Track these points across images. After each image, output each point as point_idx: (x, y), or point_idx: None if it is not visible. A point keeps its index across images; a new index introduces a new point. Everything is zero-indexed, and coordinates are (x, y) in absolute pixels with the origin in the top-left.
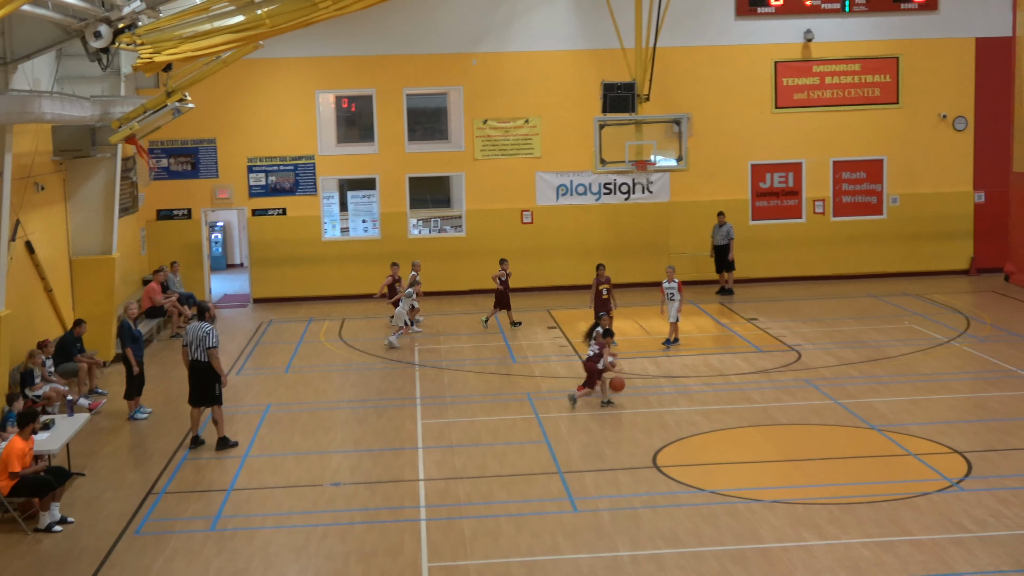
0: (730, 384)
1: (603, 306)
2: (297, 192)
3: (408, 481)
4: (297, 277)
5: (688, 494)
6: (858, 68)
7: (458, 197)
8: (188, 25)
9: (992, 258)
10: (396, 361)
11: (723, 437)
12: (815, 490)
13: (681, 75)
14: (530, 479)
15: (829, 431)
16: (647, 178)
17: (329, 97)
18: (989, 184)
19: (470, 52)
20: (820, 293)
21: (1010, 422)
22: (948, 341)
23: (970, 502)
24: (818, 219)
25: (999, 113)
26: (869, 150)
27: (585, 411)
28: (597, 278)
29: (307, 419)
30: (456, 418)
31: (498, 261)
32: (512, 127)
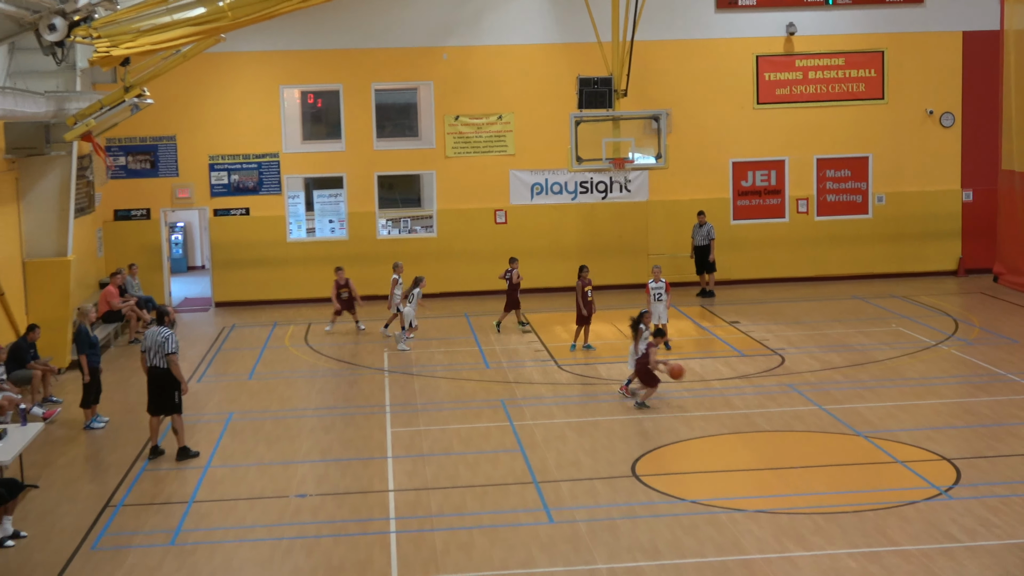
0: (711, 390)
1: (587, 308)
2: (261, 191)
3: (377, 492)
4: (261, 280)
5: (668, 504)
6: (842, 63)
7: (429, 196)
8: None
9: (980, 258)
10: (364, 367)
11: (704, 445)
12: (799, 499)
13: (660, 70)
14: (504, 489)
15: (813, 438)
16: (625, 176)
17: (294, 92)
18: (977, 182)
19: (441, 46)
20: (804, 295)
21: (999, 428)
22: (936, 344)
23: (959, 511)
24: (801, 219)
25: (987, 109)
26: (854, 147)
27: (561, 419)
28: (581, 280)
29: (271, 428)
30: (427, 426)
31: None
32: (485, 124)
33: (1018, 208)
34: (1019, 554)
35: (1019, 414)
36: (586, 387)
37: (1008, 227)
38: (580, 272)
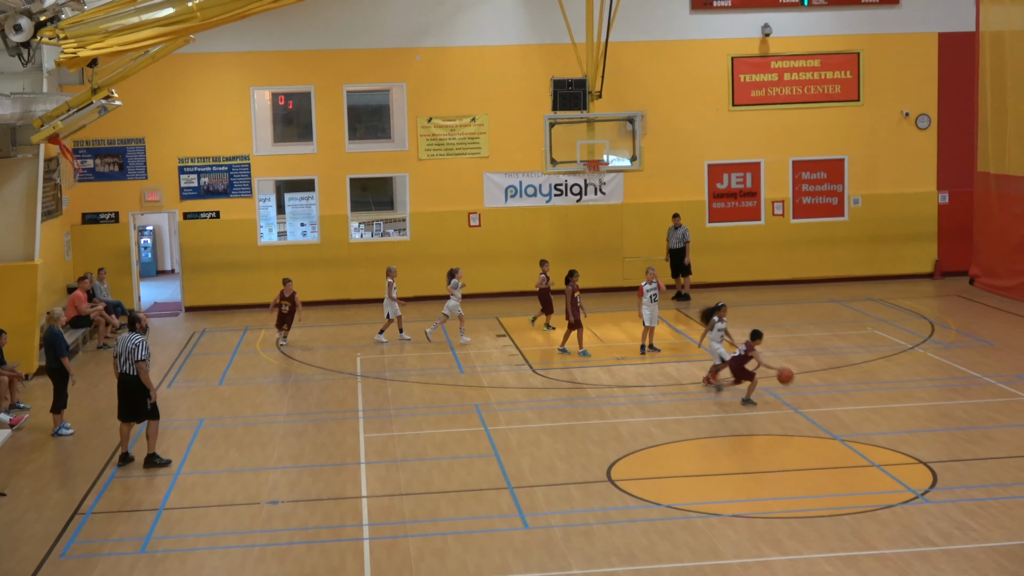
0: (687, 394)
1: (576, 313)
2: (231, 194)
3: (350, 498)
4: (231, 284)
5: (643, 509)
6: (818, 64)
7: (402, 199)
8: (115, 18)
9: (957, 261)
10: (337, 372)
11: (680, 449)
12: (775, 503)
13: (634, 71)
14: (478, 495)
15: (790, 442)
16: (599, 179)
17: (265, 94)
18: (953, 184)
19: (414, 47)
20: (780, 298)
21: (976, 431)
22: (912, 347)
23: (935, 514)
24: (777, 221)
25: (962, 110)
26: (829, 149)
27: (536, 423)
28: (571, 285)
29: (242, 434)
30: (400, 431)
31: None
32: (458, 126)
33: (994, 210)
34: (995, 557)
35: (995, 417)
36: (561, 391)
37: (984, 229)
38: (569, 277)
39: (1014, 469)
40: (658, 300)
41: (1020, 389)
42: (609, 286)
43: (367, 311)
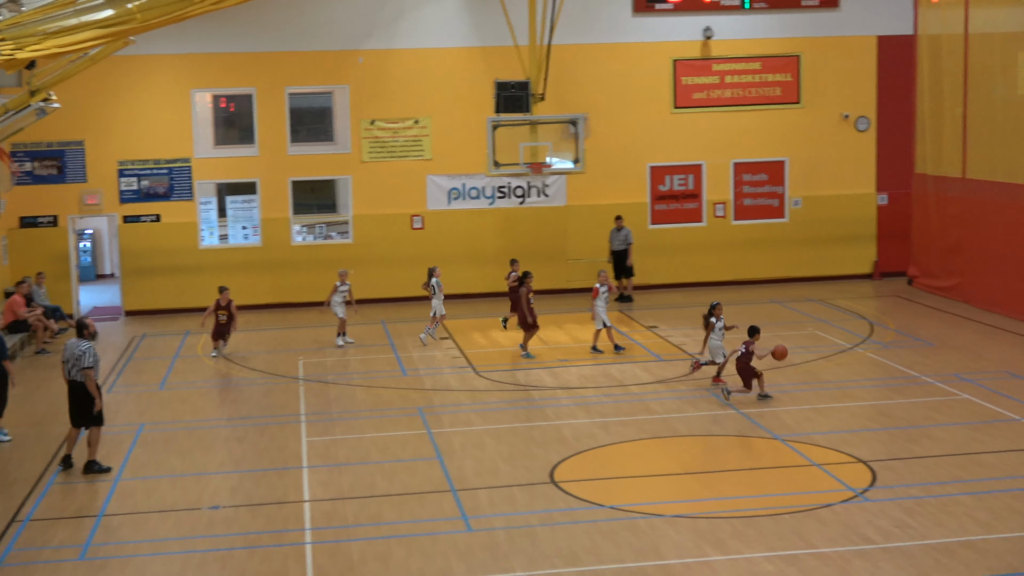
0: (630, 395)
1: (532, 314)
2: (172, 197)
3: (292, 503)
4: (172, 288)
5: (587, 510)
6: (759, 67)
7: (344, 202)
8: (53, 20)
9: (896, 262)
10: (279, 376)
11: (623, 450)
12: (717, 503)
13: (577, 74)
14: (421, 498)
15: (731, 442)
16: (543, 181)
17: (206, 96)
18: (892, 186)
19: (356, 49)
20: (722, 299)
21: (914, 429)
22: (852, 347)
23: (874, 512)
24: (719, 223)
25: (901, 113)
26: (770, 151)
27: (480, 425)
28: (525, 287)
29: (183, 439)
30: (343, 435)
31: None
32: (401, 128)
33: (932, 211)
34: (934, 555)
35: (934, 416)
36: (504, 394)
37: (922, 230)
38: (524, 279)
39: (952, 467)
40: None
41: (958, 388)
42: (553, 288)
43: (309, 314)
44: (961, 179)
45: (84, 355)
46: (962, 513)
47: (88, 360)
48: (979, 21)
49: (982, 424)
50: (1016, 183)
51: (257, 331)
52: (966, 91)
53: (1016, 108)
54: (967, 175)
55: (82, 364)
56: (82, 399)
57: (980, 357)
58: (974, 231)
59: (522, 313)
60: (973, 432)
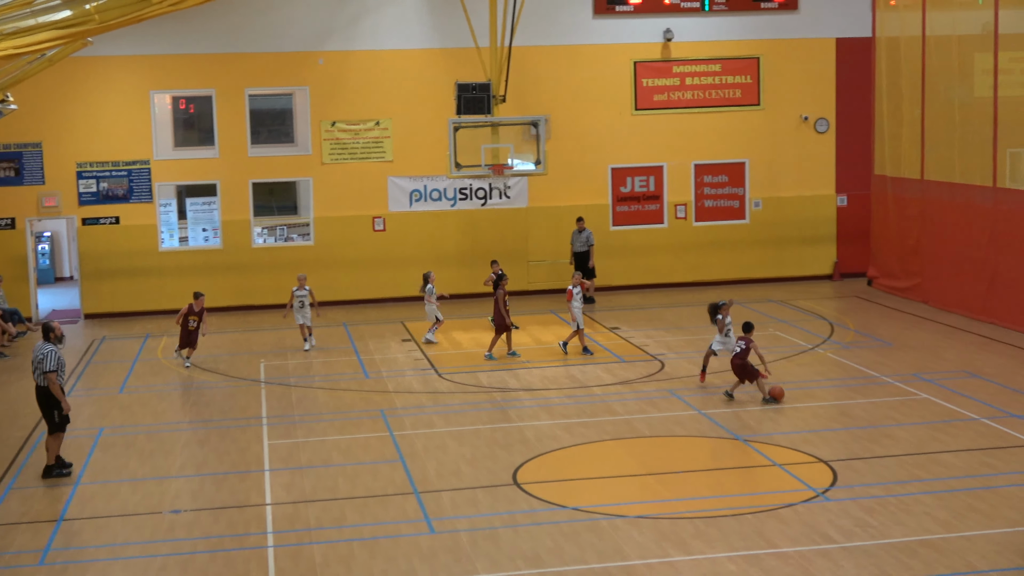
0: (592, 396)
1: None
2: (131, 199)
3: (254, 506)
4: (132, 290)
5: (549, 511)
6: (719, 69)
7: (305, 204)
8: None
9: (855, 262)
10: (240, 379)
11: (585, 451)
12: (680, 504)
13: (538, 75)
14: (384, 500)
15: (693, 442)
16: (504, 183)
17: (165, 98)
18: (851, 187)
19: (316, 50)
20: (683, 300)
21: (874, 429)
22: (812, 348)
23: (835, 512)
24: (680, 224)
25: (860, 115)
26: (731, 153)
27: (442, 427)
28: (501, 288)
29: (144, 442)
30: (305, 438)
31: (489, 263)
32: (362, 130)
33: (891, 212)
34: (894, 553)
35: (894, 416)
36: (467, 396)
37: (881, 231)
38: (500, 280)
39: (911, 467)
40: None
41: (917, 388)
42: (514, 290)
43: (270, 317)
44: (919, 180)
45: (46, 358)
46: (922, 512)
47: (50, 364)
48: (937, 24)
49: (941, 423)
50: (973, 184)
51: (218, 334)
52: (924, 93)
53: (973, 110)
54: (925, 176)
55: (44, 368)
56: (45, 404)
57: (939, 357)
58: (932, 232)
59: (498, 314)
60: (933, 431)
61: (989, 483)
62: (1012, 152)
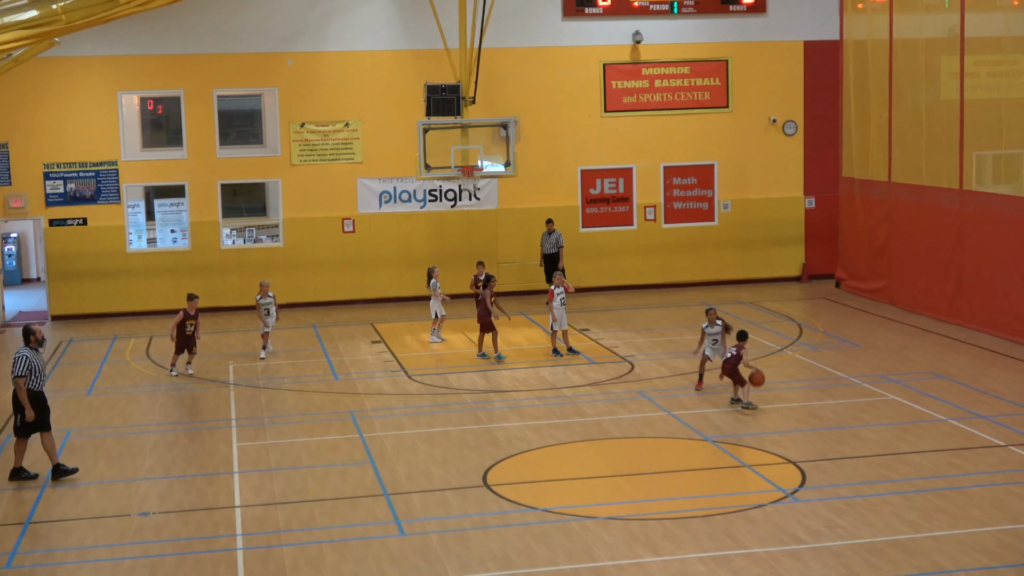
0: (562, 397)
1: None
2: (99, 200)
3: (223, 508)
4: (100, 292)
5: (519, 513)
6: (687, 71)
7: (274, 205)
8: None
9: (823, 264)
10: (209, 381)
11: (555, 453)
12: (649, 505)
13: (508, 77)
14: (354, 503)
15: (663, 444)
16: (474, 184)
17: (133, 98)
18: (819, 189)
19: (285, 51)
20: (652, 302)
21: (843, 430)
22: (781, 349)
23: (804, 513)
24: (649, 226)
25: (827, 117)
26: (700, 155)
27: (412, 429)
28: (489, 289)
29: (112, 445)
30: (274, 439)
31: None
32: (331, 131)
33: (858, 214)
34: (862, 554)
35: (862, 416)
36: (436, 397)
37: (849, 233)
38: (487, 282)
39: (879, 467)
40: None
41: (884, 389)
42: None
43: (239, 318)
44: (887, 183)
45: (16, 362)
46: (890, 512)
47: (20, 368)
48: (904, 27)
49: (909, 424)
50: (940, 187)
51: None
52: (891, 96)
53: (940, 113)
54: (893, 179)
55: (14, 372)
56: (16, 407)
57: (906, 358)
58: (900, 234)
59: (483, 314)
60: (900, 432)
61: (956, 483)
62: (978, 155)
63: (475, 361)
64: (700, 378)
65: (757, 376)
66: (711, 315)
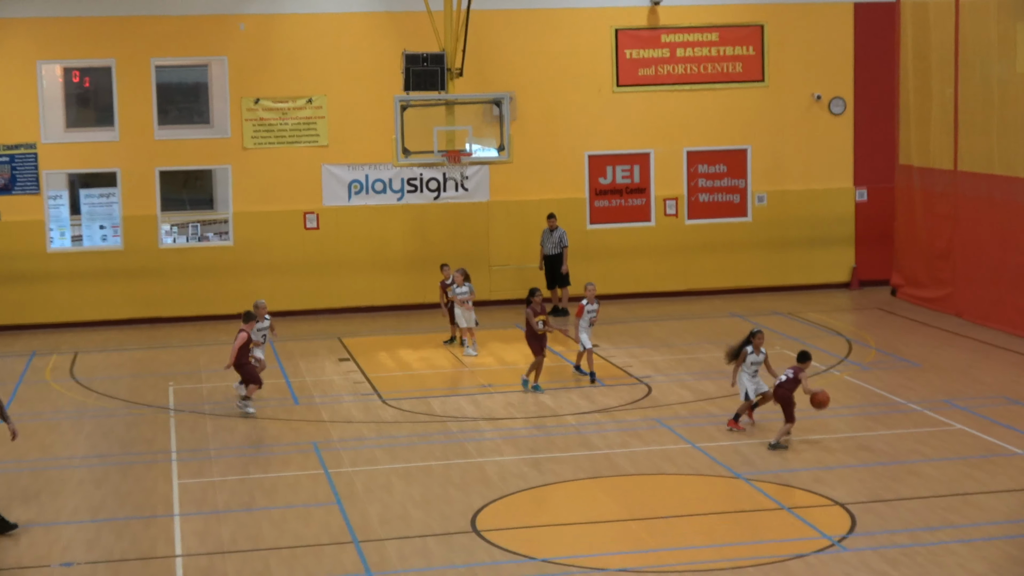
0: (565, 426)
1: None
2: (14, 191)
3: (161, 558)
4: (15, 299)
5: (515, 564)
6: (716, 39)
7: (223, 196)
8: None
9: (877, 268)
10: (144, 406)
11: (557, 492)
12: (669, 555)
13: (502, 45)
14: (317, 552)
15: (685, 481)
16: (461, 172)
17: (55, 69)
18: (872, 179)
19: (237, 14)
20: (672, 312)
21: (899, 466)
22: (827, 370)
23: (853, 564)
24: (670, 222)
25: (882, 94)
26: (730, 138)
27: (387, 464)
28: (532, 306)
29: (28, 482)
30: (222, 476)
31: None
32: (291, 108)
33: (918, 210)
34: None
35: (921, 449)
36: (416, 426)
37: (907, 232)
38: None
39: (941, 510)
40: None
41: (949, 417)
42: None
43: (181, 331)
44: (952, 172)
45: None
46: (955, 564)
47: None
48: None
49: (977, 459)
50: (1015, 176)
51: (118, 351)
52: (957, 68)
53: (1015, 89)
54: (959, 167)
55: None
56: None
57: (974, 380)
58: (966, 233)
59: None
60: (967, 468)
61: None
62: None
63: (462, 382)
64: (736, 417)
65: (821, 396)
66: (758, 340)
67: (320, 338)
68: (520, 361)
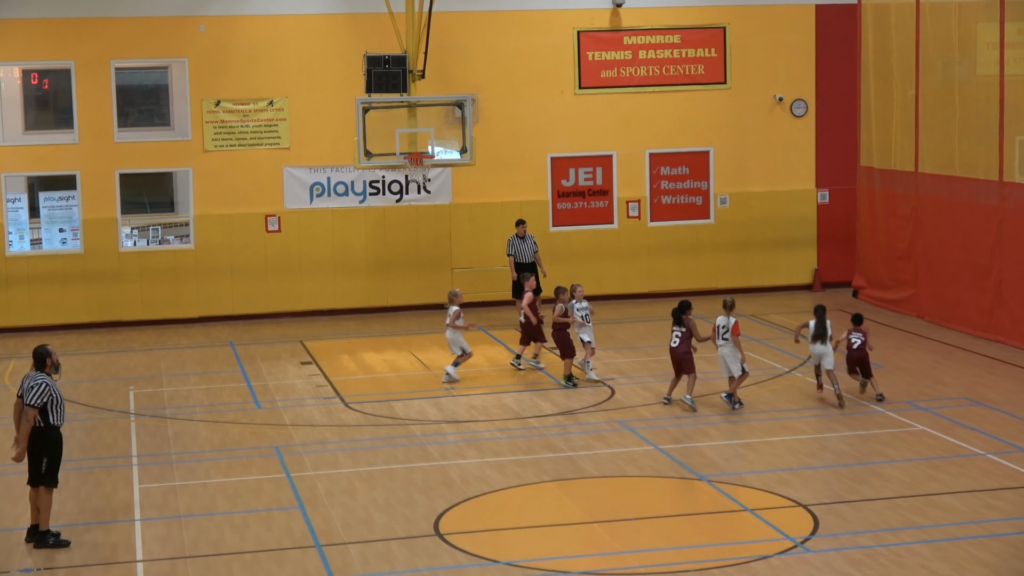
0: (528, 428)
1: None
2: None
3: (122, 563)
4: None
5: (478, 567)
6: (678, 40)
7: (184, 199)
8: None
9: (839, 270)
10: (104, 410)
11: (521, 495)
12: (633, 557)
13: (464, 47)
14: (279, 556)
15: (648, 484)
16: (423, 174)
17: (13, 71)
18: (834, 181)
19: (197, 15)
20: (635, 314)
21: (862, 467)
22: (788, 371)
23: (817, 565)
24: (632, 224)
25: (844, 96)
26: (693, 140)
27: (350, 467)
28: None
29: None
30: (184, 480)
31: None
32: (252, 110)
33: (879, 211)
34: None
35: (884, 451)
36: (379, 429)
37: (868, 233)
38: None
39: (905, 511)
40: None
41: (912, 418)
42: (435, 303)
43: (141, 335)
44: (913, 173)
45: (33, 390)
46: (918, 565)
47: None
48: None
49: (940, 460)
50: (976, 178)
51: (78, 355)
52: (918, 70)
53: (975, 91)
54: (920, 169)
55: (29, 401)
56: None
57: (936, 381)
58: (928, 235)
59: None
60: (930, 469)
61: (996, 530)
62: (1021, 140)
63: (425, 385)
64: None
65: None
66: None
67: (282, 341)
68: (485, 364)
